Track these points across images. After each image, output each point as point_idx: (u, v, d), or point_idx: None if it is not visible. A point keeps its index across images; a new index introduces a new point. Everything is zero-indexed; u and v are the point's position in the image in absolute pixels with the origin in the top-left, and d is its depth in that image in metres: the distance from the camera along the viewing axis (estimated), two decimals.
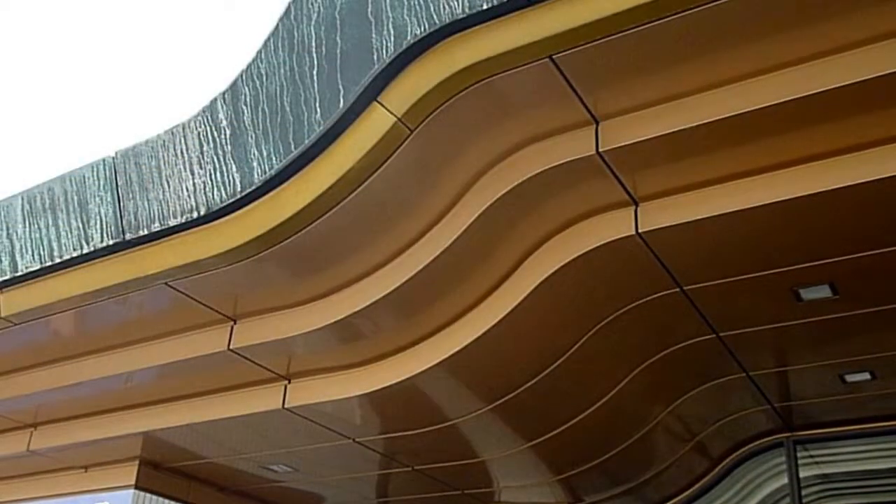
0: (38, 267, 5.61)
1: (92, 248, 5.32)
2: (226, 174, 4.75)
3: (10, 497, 8.32)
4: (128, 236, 5.15)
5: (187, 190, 4.91)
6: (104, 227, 5.26)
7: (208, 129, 4.83)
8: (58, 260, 5.50)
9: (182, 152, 4.94)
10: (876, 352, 5.93)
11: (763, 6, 3.56)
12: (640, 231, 4.61)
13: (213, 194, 4.81)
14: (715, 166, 4.36)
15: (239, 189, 4.72)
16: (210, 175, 4.81)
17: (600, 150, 4.25)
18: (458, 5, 3.86)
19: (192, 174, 4.89)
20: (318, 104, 4.39)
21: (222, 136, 4.77)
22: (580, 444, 7.07)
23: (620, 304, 5.38)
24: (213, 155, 4.80)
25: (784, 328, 5.62)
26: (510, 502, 8.56)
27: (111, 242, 5.23)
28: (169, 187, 4.99)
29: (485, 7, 3.80)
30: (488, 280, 5.18)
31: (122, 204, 5.19)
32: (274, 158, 4.57)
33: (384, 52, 4.12)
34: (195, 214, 4.89)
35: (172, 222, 4.97)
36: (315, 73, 4.41)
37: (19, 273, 5.70)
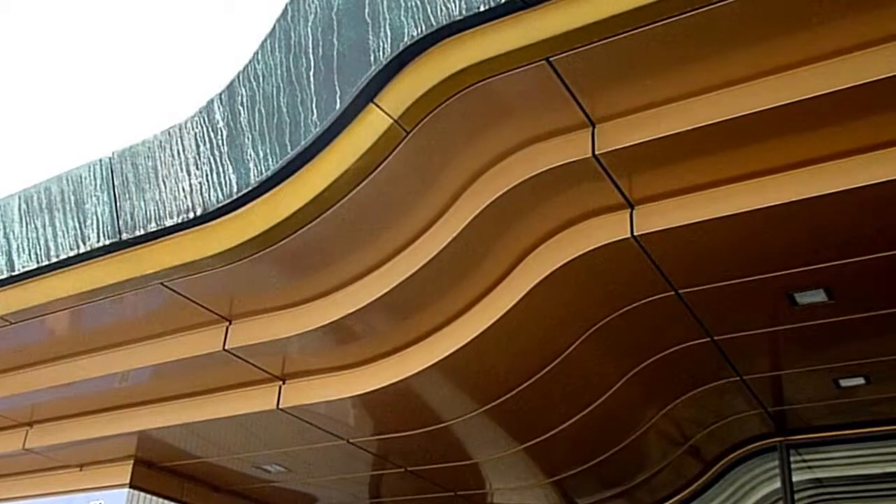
0: (34, 266, 5.60)
1: (88, 248, 5.32)
2: (222, 175, 4.75)
3: (6, 495, 8.32)
4: (124, 236, 5.15)
5: (184, 190, 4.91)
6: (101, 226, 5.26)
7: (205, 129, 4.83)
8: (54, 259, 5.50)
9: (179, 153, 4.95)
10: (871, 357, 5.93)
11: (757, 10, 3.57)
12: (635, 234, 4.61)
13: (209, 195, 4.81)
14: (711, 170, 4.36)
15: (235, 190, 4.72)
16: (206, 176, 4.81)
17: (596, 152, 4.25)
18: (455, 7, 3.86)
19: (189, 175, 4.89)
20: (314, 105, 4.39)
21: (219, 137, 4.77)
22: (573, 447, 7.07)
23: (615, 307, 5.39)
24: (210, 156, 4.80)
25: (779, 332, 5.63)
26: None
27: (107, 242, 5.23)
28: (165, 188, 4.99)
29: (482, 9, 3.80)
30: (483, 282, 5.18)
31: (118, 204, 5.19)
32: (270, 159, 4.56)
33: (381, 53, 4.12)
34: (191, 215, 4.89)
35: (169, 223, 4.97)
36: (312, 74, 4.41)
37: (16, 272, 5.69)
